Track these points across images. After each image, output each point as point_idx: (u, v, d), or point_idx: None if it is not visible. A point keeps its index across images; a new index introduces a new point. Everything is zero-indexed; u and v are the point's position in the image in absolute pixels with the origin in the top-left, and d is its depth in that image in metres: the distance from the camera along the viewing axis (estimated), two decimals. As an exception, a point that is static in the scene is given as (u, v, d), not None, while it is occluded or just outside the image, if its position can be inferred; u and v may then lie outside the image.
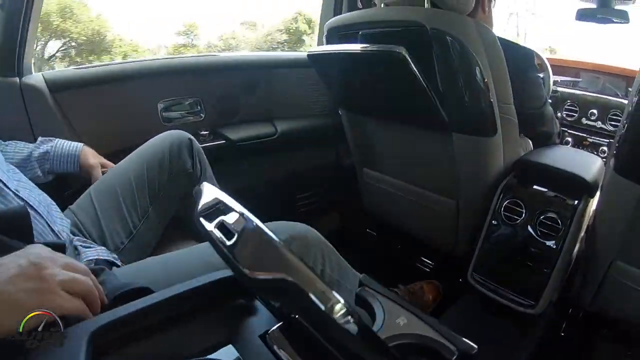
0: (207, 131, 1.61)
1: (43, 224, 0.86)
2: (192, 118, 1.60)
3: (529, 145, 1.49)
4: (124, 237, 1.07)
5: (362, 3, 1.81)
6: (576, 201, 1.24)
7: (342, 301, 0.39)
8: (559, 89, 2.12)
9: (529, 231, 1.26)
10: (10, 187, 0.84)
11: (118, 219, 1.07)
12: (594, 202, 1.28)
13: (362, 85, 1.46)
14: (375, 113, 1.54)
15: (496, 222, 1.32)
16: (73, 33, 5.49)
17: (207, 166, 1.27)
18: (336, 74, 1.53)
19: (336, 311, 0.38)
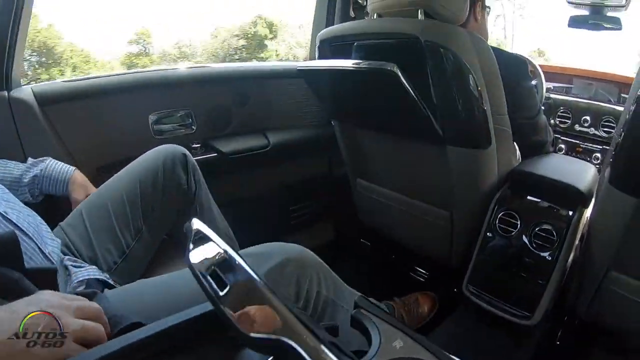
0: (199, 144, 1.60)
1: (33, 247, 0.84)
2: (184, 130, 1.59)
3: (518, 152, 1.49)
4: (117, 257, 1.05)
5: (355, 12, 1.80)
6: (571, 212, 1.25)
7: None
8: (552, 96, 2.13)
9: (524, 243, 1.26)
10: None
11: (110, 238, 1.05)
12: (589, 210, 1.28)
13: (354, 100, 1.45)
14: (368, 125, 1.54)
15: (491, 234, 1.32)
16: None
17: (202, 182, 1.25)
18: (327, 89, 1.52)
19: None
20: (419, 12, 1.21)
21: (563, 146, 2.12)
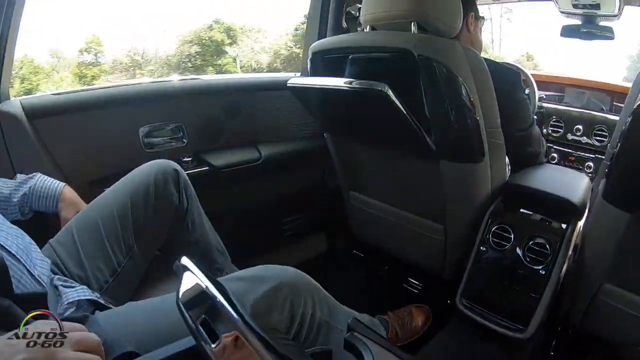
0: (190, 157, 1.58)
1: (22, 270, 0.83)
2: (175, 144, 1.57)
3: (508, 163, 1.49)
4: (108, 276, 1.03)
5: (348, 23, 1.79)
6: (564, 225, 1.25)
7: None
8: (544, 105, 2.14)
9: (518, 256, 1.26)
10: None
11: (101, 257, 1.03)
12: (582, 220, 1.28)
13: (346, 116, 1.44)
14: (360, 139, 1.53)
15: (484, 248, 1.31)
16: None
17: (194, 196, 1.24)
18: (318, 106, 1.51)
19: None
20: (412, 25, 1.20)
21: (556, 155, 2.13)
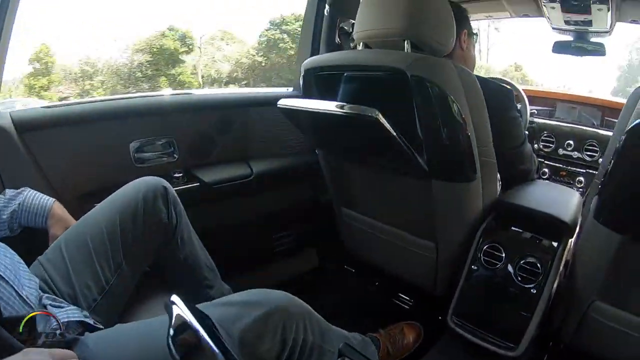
0: (181, 173, 1.57)
1: (9, 291, 0.82)
2: (166, 159, 1.55)
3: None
4: (96, 294, 1.02)
5: (341, 39, 1.80)
6: (556, 243, 1.25)
7: None
8: (536, 120, 2.15)
9: (509, 275, 1.26)
10: None
11: (90, 274, 1.03)
12: (574, 237, 1.29)
13: (337, 137, 1.44)
14: (352, 158, 1.53)
15: (476, 267, 1.31)
16: None
17: (183, 213, 1.23)
18: (309, 126, 1.51)
19: None
20: (406, 43, 1.20)
21: (547, 170, 2.14)
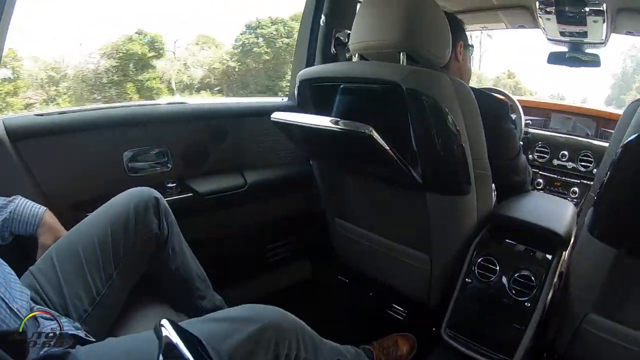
0: (174, 183, 1.55)
1: (0, 305, 0.82)
2: (159, 168, 1.54)
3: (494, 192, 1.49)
4: (87, 305, 1.02)
5: (337, 49, 1.80)
6: (550, 256, 1.25)
7: None
8: (530, 130, 2.17)
9: (503, 288, 1.25)
10: None
11: (81, 284, 1.02)
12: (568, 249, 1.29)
13: (331, 151, 1.44)
14: (346, 170, 1.53)
15: (470, 280, 1.31)
16: None
17: (174, 224, 1.23)
18: (303, 139, 1.50)
19: None
20: (401, 55, 1.20)
21: (541, 181, 2.15)
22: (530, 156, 2.16)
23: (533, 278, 1.22)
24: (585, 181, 2.07)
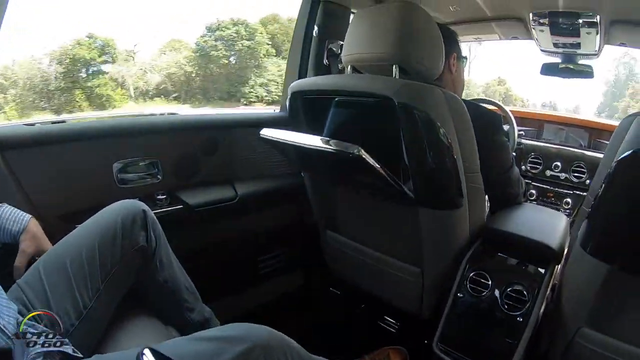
0: (164, 195, 1.54)
1: None
2: (150, 180, 1.53)
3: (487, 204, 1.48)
4: (74, 318, 1.00)
5: (330, 61, 1.79)
6: (543, 270, 1.24)
7: None
8: (523, 141, 2.16)
9: (495, 303, 1.24)
10: None
11: (69, 298, 1.01)
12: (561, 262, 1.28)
13: (322, 166, 1.43)
14: (337, 183, 1.52)
15: (462, 294, 1.30)
16: None
17: (162, 236, 1.21)
18: (293, 154, 1.49)
19: None
20: (394, 67, 1.20)
21: (534, 192, 2.15)
22: (523, 167, 2.16)
23: (525, 292, 1.21)
24: (578, 192, 2.07)
